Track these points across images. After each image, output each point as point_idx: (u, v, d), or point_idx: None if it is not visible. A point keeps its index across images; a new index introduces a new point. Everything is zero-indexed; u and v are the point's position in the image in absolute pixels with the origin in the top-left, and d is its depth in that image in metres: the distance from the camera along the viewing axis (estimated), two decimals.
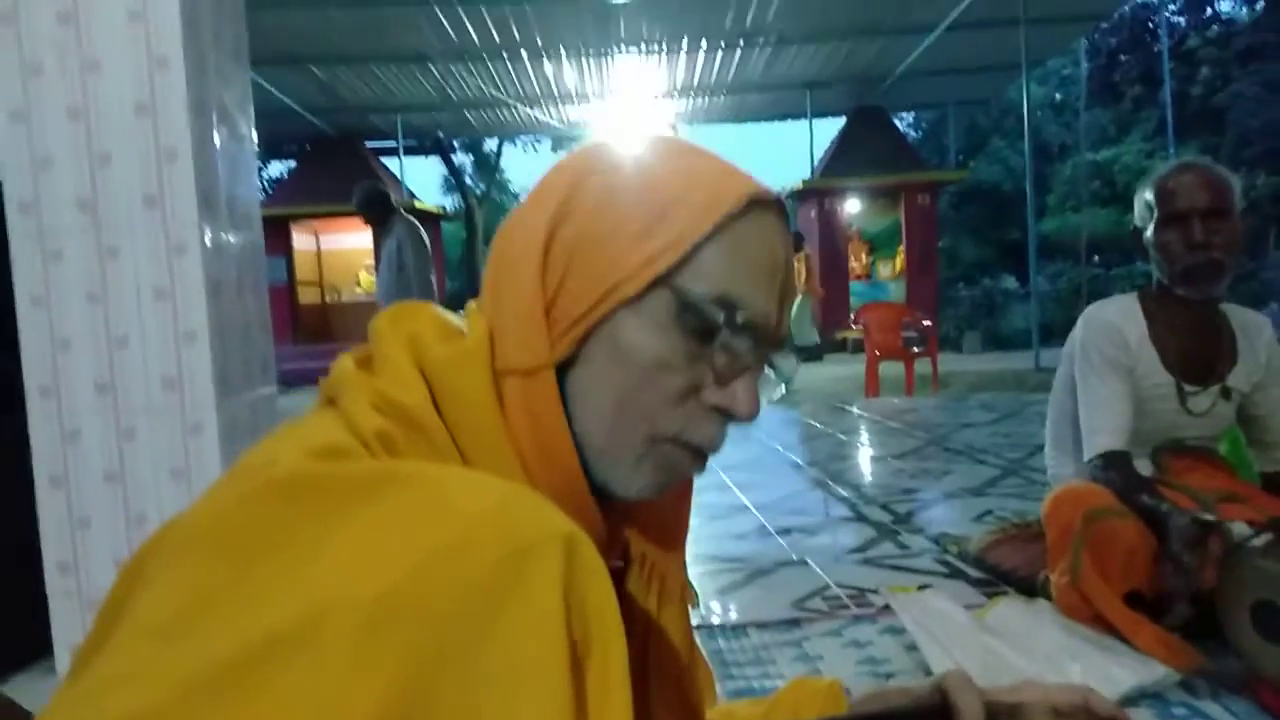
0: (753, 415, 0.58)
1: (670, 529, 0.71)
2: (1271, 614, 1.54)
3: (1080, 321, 2.12)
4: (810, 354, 11.67)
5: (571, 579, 0.42)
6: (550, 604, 0.40)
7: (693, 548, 2.91)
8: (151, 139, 2.04)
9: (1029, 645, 1.81)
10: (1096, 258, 16.10)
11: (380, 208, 5.20)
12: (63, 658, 2.08)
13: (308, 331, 14.30)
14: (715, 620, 2.24)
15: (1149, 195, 2.01)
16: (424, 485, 0.44)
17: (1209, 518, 1.68)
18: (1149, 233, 2.01)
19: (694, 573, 2.66)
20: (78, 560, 2.06)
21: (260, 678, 0.36)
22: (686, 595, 0.74)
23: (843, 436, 5.35)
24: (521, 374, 0.56)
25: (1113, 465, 1.95)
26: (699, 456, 0.60)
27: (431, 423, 0.54)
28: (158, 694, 0.36)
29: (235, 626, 0.38)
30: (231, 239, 2.22)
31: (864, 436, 5.38)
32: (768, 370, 0.63)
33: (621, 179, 0.59)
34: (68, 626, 2.07)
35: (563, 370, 0.57)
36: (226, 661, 0.36)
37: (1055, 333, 12.40)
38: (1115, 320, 2.04)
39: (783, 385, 0.65)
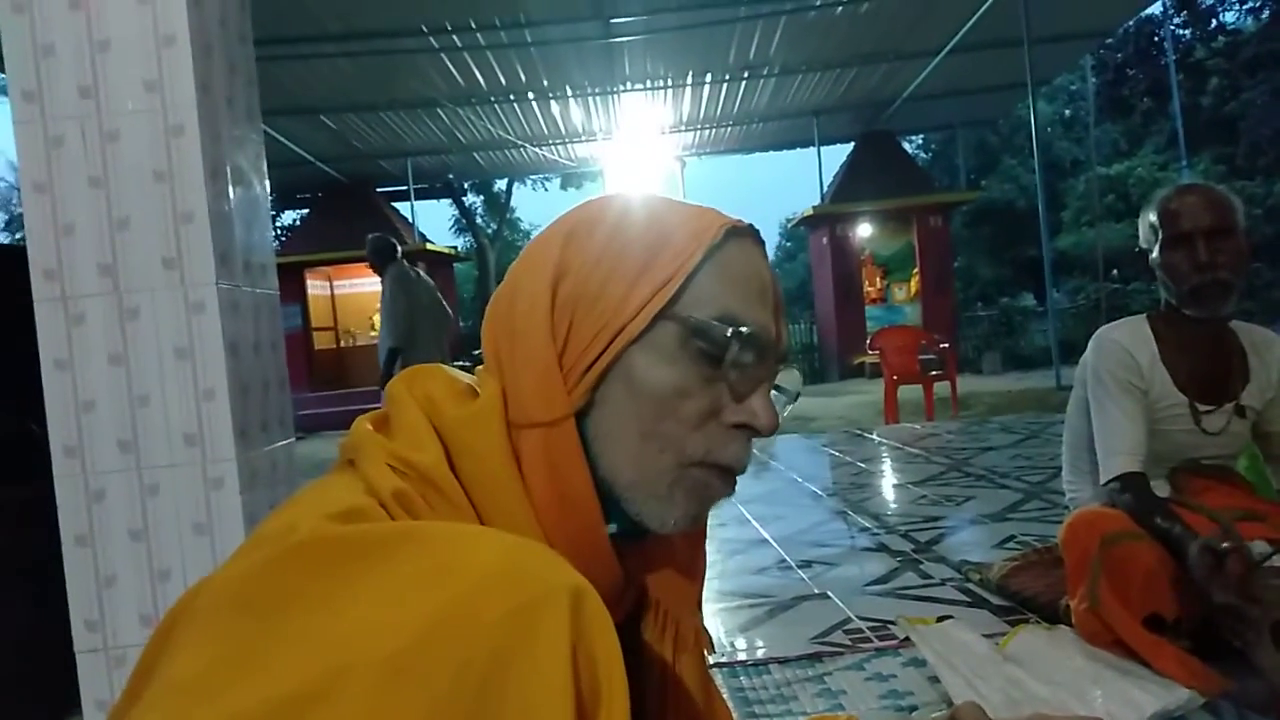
0: (774, 427, 0.60)
1: (686, 574, 0.72)
2: None
3: (1091, 345, 2.13)
4: None
5: (579, 632, 0.43)
6: (558, 658, 0.42)
7: (713, 584, 2.91)
8: (169, 203, 2.10)
9: (1051, 673, 1.80)
10: (1115, 272, 16.01)
11: (382, 258, 5.29)
12: (91, 713, 2.10)
13: (324, 377, 14.45)
14: (737, 658, 2.24)
15: (1153, 217, 2.03)
16: (434, 543, 0.46)
17: (1224, 545, 1.67)
18: (1155, 254, 2.02)
19: (714, 609, 2.65)
20: (104, 617, 2.09)
21: None
22: (702, 641, 0.75)
23: (863, 464, 5.33)
24: (543, 426, 0.58)
25: (1129, 488, 1.94)
26: (728, 476, 0.62)
27: (447, 482, 0.56)
28: None
29: (258, 685, 0.40)
30: (248, 296, 2.27)
31: (884, 464, 5.35)
32: (775, 389, 0.65)
33: (609, 232, 0.62)
34: (95, 683, 2.10)
35: (579, 418, 0.59)
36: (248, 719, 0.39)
37: (1076, 350, 12.25)
38: (1125, 343, 2.05)
39: (791, 402, 0.67)
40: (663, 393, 0.58)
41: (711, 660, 0.77)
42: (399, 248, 5.36)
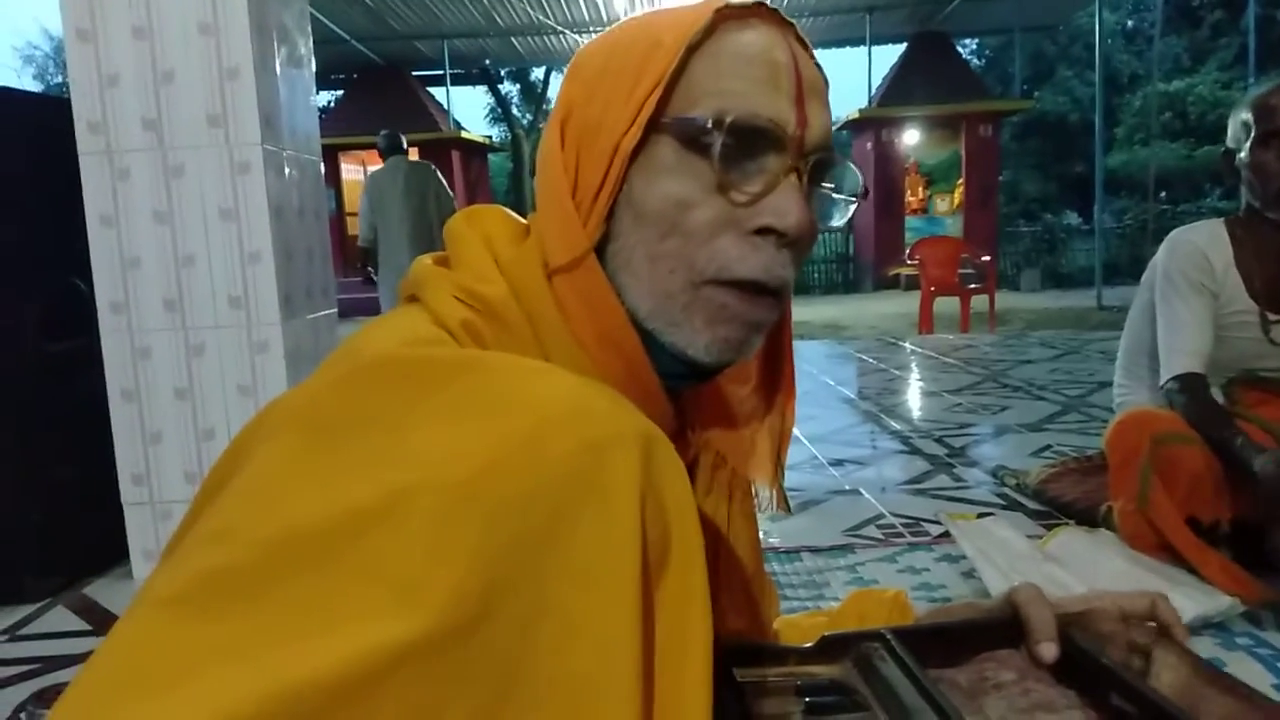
0: (802, 225, 0.54)
1: (745, 422, 0.69)
2: None
3: (1164, 246, 2.06)
4: None
5: (649, 478, 0.41)
6: (626, 502, 0.40)
7: None
8: (214, 58, 2.04)
9: (1091, 573, 1.79)
10: (1164, 194, 15.49)
11: (383, 157, 5.33)
12: (137, 563, 2.17)
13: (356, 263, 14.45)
14: (770, 544, 2.25)
15: (1245, 114, 1.92)
16: (507, 374, 0.44)
17: None
18: (1243, 153, 1.92)
19: None
20: (150, 472, 2.13)
21: (340, 548, 0.37)
22: (753, 497, 0.73)
23: (896, 371, 5.29)
24: (567, 269, 0.56)
25: (1188, 389, 1.89)
26: (754, 292, 0.56)
27: (513, 315, 0.55)
28: (240, 553, 0.37)
29: (321, 498, 0.38)
30: (292, 159, 2.23)
31: (918, 372, 5.31)
32: (828, 186, 0.59)
33: (605, 54, 0.59)
34: (141, 534, 2.16)
35: (601, 254, 0.57)
36: (309, 529, 0.37)
37: (1119, 271, 12.02)
38: (1201, 244, 1.98)
39: (853, 198, 0.60)
40: (662, 207, 0.54)
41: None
42: (394, 145, 5.33)
